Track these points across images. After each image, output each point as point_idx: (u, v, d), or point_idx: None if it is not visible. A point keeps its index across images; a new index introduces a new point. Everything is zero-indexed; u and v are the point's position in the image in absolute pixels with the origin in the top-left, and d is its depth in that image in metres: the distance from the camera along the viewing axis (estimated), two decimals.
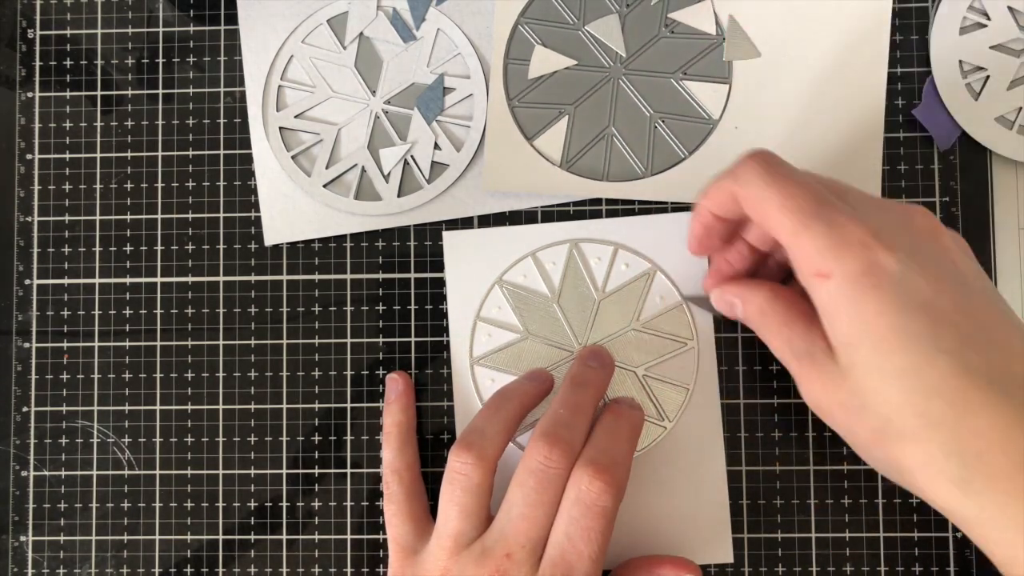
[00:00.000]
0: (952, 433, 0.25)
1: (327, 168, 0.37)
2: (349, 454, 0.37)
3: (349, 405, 0.37)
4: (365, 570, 0.37)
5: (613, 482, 0.30)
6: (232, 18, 0.38)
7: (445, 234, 0.37)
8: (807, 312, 0.29)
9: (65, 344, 0.38)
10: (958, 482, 0.26)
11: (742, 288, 0.32)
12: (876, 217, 0.27)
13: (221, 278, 0.38)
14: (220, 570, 0.37)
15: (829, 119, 0.36)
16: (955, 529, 0.36)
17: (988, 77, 0.36)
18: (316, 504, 0.37)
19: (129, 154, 0.38)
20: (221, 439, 0.37)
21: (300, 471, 0.37)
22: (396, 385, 0.36)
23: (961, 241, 0.29)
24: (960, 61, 0.36)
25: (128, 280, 0.38)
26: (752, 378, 0.36)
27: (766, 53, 0.36)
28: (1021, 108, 0.36)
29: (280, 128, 0.38)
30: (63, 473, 0.38)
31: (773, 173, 0.28)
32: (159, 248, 0.38)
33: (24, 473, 0.38)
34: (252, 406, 0.37)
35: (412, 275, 0.37)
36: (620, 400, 0.35)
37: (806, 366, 0.29)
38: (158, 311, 0.38)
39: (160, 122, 0.38)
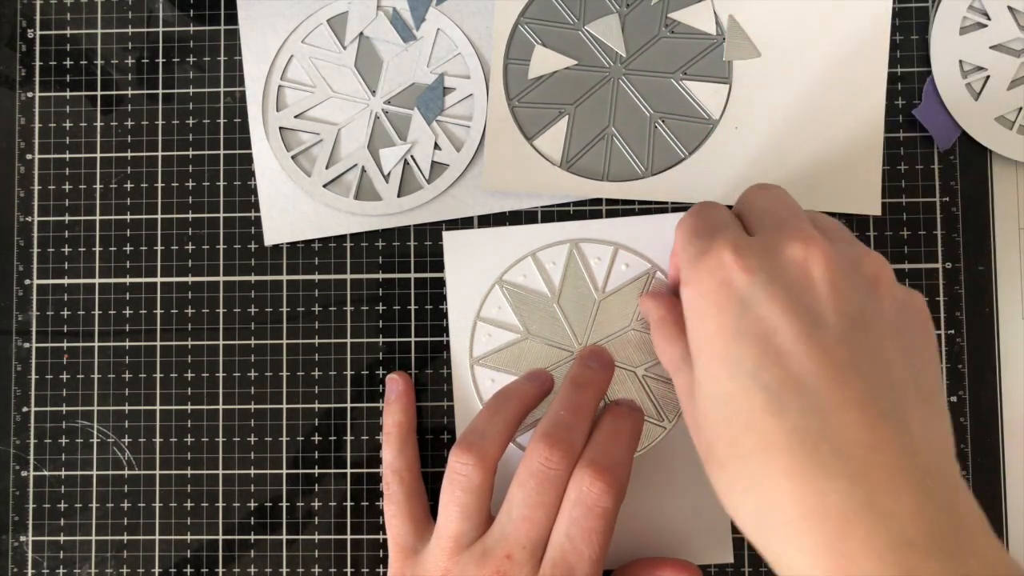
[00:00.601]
0: (753, 472, 0.25)
1: (327, 168, 0.37)
2: (349, 454, 0.37)
3: (349, 405, 0.37)
4: (365, 570, 0.37)
5: (614, 483, 0.30)
6: (232, 18, 0.38)
7: (445, 234, 0.37)
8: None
9: (65, 344, 0.38)
10: (754, 518, 0.25)
11: (647, 301, 0.34)
12: (755, 240, 0.27)
13: (221, 278, 0.38)
14: (220, 570, 0.37)
15: (830, 118, 0.36)
16: None
17: (988, 77, 0.36)
18: (316, 504, 0.37)
19: (129, 154, 0.38)
20: (221, 439, 0.37)
21: (300, 471, 0.37)
22: (396, 385, 0.36)
23: (873, 267, 0.27)
24: (960, 61, 0.36)
25: (128, 280, 0.38)
26: None
27: (766, 53, 0.36)
28: (1021, 108, 0.36)
29: (280, 128, 0.38)
30: (63, 473, 0.38)
31: (695, 211, 0.30)
32: (159, 248, 0.38)
33: (24, 473, 0.38)
34: (252, 406, 0.37)
35: (412, 275, 0.37)
36: (620, 402, 0.35)
37: (677, 378, 0.30)
38: (158, 311, 0.38)
39: (160, 122, 0.38)
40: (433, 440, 0.37)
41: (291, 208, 0.38)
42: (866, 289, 0.27)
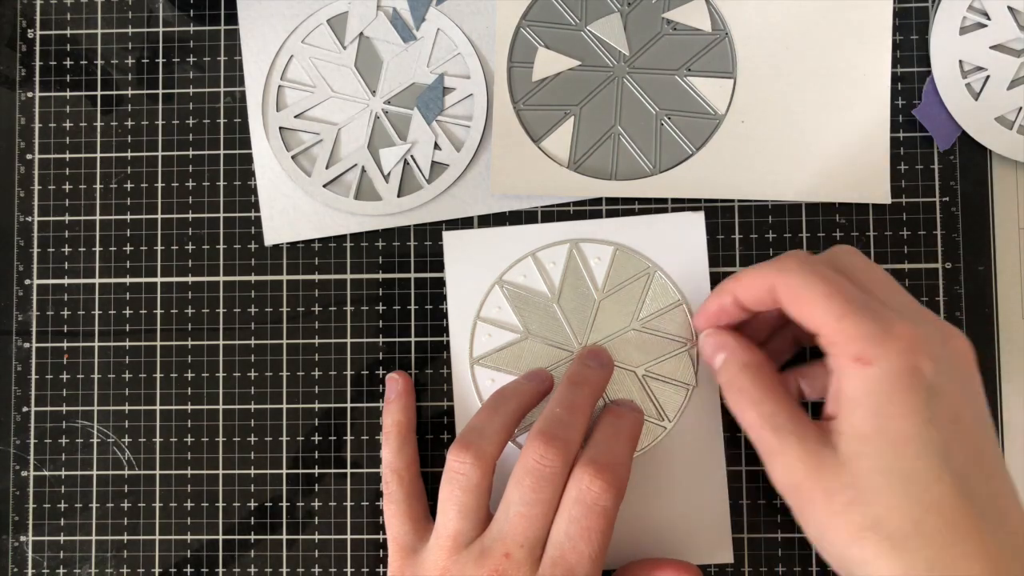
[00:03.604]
0: (940, 551, 0.26)
1: (327, 168, 0.37)
2: (349, 454, 0.37)
3: (349, 405, 0.37)
4: (365, 570, 0.37)
5: (614, 482, 0.30)
6: (232, 18, 0.38)
7: (445, 234, 0.37)
8: (784, 387, 0.31)
9: (65, 344, 0.38)
10: None
11: (732, 341, 0.32)
12: (920, 324, 0.28)
13: (221, 278, 0.38)
14: (220, 570, 0.37)
15: (835, 109, 0.36)
16: None
17: (988, 77, 0.36)
18: (316, 504, 0.37)
19: (129, 154, 0.38)
20: (221, 439, 0.37)
21: (300, 471, 0.37)
22: (396, 385, 0.36)
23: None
24: (960, 61, 0.36)
25: (128, 280, 0.38)
26: None
27: (769, 46, 0.36)
28: (1021, 108, 0.36)
29: (280, 128, 0.38)
30: (63, 473, 0.38)
31: (815, 267, 0.29)
32: (159, 248, 0.38)
33: (24, 473, 0.38)
34: (252, 406, 0.37)
35: (412, 275, 0.37)
36: (620, 401, 0.35)
37: (790, 444, 0.28)
38: (158, 311, 0.38)
39: (160, 122, 0.38)
40: (433, 440, 0.37)
41: (291, 208, 0.38)
42: (979, 377, 0.29)
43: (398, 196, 0.37)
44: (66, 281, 0.38)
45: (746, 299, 0.31)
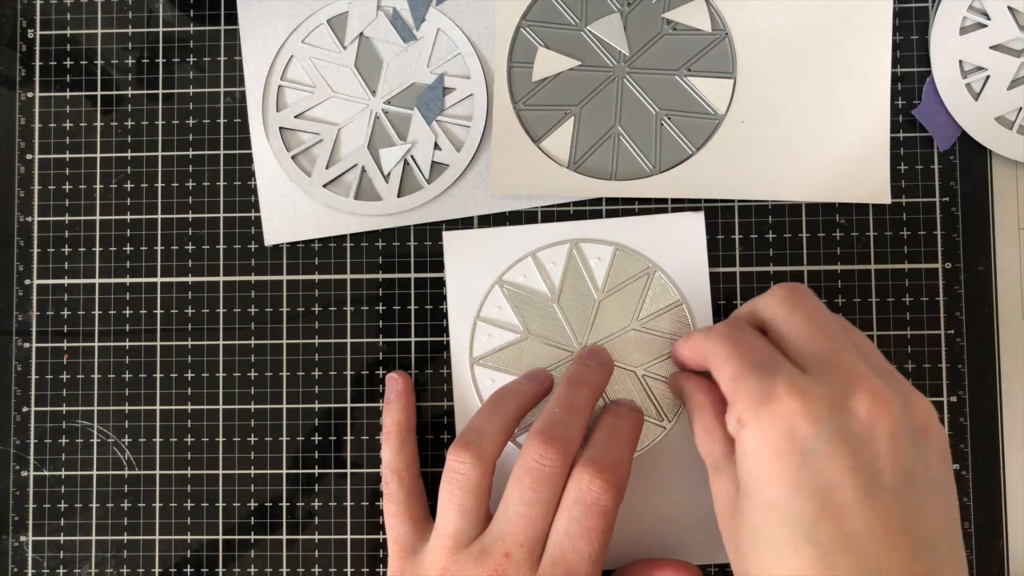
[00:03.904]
0: None
1: (327, 168, 0.37)
2: (349, 454, 0.37)
3: (349, 405, 0.37)
4: (365, 570, 0.37)
5: (613, 481, 0.30)
6: (232, 18, 0.38)
7: (445, 234, 0.37)
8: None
9: (65, 344, 0.38)
10: None
11: (685, 382, 0.34)
12: (819, 385, 0.27)
13: (221, 278, 0.38)
14: (220, 570, 0.37)
15: (835, 109, 0.36)
16: None
17: (988, 77, 0.36)
18: (316, 504, 0.37)
19: (129, 154, 0.38)
20: (221, 439, 0.37)
21: (300, 471, 0.37)
22: (396, 385, 0.36)
23: (923, 415, 0.27)
24: (960, 61, 0.36)
25: (128, 280, 0.38)
26: None
27: (769, 47, 0.36)
28: (1021, 108, 0.36)
29: (280, 128, 0.38)
30: (63, 473, 0.38)
31: (732, 329, 0.30)
32: (159, 248, 0.38)
33: (24, 473, 0.38)
34: (252, 406, 0.37)
35: (412, 275, 0.37)
36: (620, 402, 0.35)
37: (713, 480, 0.30)
38: (158, 311, 0.38)
39: (160, 122, 0.38)
40: (433, 440, 0.37)
41: (291, 208, 0.38)
42: (916, 439, 0.27)
43: (398, 196, 0.37)
44: (66, 281, 0.38)
45: (693, 358, 0.33)
